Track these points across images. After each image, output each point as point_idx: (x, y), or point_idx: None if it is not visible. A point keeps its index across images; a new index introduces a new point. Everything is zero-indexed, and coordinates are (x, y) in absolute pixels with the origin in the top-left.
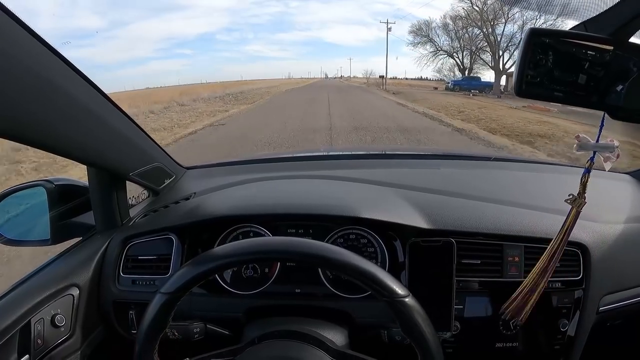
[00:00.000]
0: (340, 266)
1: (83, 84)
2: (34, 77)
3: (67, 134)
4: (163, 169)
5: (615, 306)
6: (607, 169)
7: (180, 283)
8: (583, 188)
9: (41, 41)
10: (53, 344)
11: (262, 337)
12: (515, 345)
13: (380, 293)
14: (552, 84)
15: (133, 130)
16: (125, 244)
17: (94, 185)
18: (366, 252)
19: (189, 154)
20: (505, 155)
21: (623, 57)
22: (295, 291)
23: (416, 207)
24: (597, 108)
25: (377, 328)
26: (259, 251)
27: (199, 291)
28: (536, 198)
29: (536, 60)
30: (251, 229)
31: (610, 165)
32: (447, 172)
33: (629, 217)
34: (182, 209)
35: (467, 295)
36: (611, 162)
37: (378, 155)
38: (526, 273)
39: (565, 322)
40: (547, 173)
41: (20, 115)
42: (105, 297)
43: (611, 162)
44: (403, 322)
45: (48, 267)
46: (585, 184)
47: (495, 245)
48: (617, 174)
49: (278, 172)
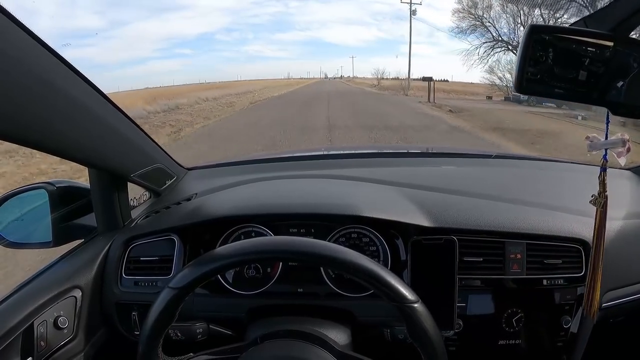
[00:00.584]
0: (350, 268)
1: (83, 86)
2: (34, 78)
3: (68, 136)
4: (164, 170)
5: (618, 302)
6: (622, 164)
7: (190, 279)
8: (603, 187)
9: (41, 43)
10: (56, 346)
11: (265, 336)
12: (518, 342)
13: (389, 297)
14: (552, 80)
15: (134, 131)
16: (127, 246)
17: (95, 187)
18: (368, 251)
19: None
20: (506, 152)
21: (623, 53)
22: (298, 290)
23: (418, 206)
24: (597, 104)
25: (379, 327)
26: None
27: (202, 291)
28: (538, 195)
29: (536, 57)
30: (253, 229)
31: (625, 160)
32: (449, 170)
33: (631, 213)
34: (184, 210)
35: (469, 293)
36: (624, 157)
37: (379, 154)
38: (528, 270)
39: (567, 318)
40: (548, 170)
41: (21, 117)
42: (107, 298)
43: (624, 156)
44: (411, 327)
45: (50, 269)
46: (604, 182)
47: (497, 242)
48: (618, 170)
49: (279, 171)
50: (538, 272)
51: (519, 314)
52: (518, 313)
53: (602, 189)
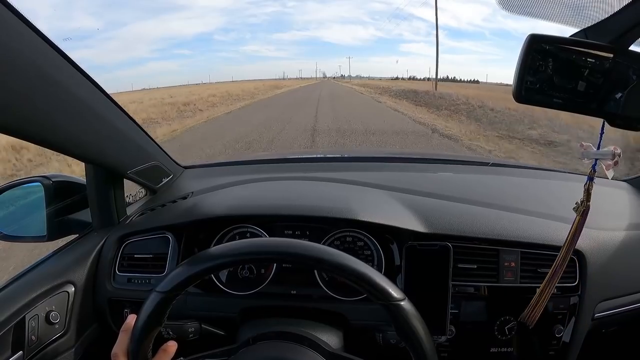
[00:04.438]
0: (336, 268)
1: (83, 81)
2: (34, 72)
3: (66, 131)
4: (161, 168)
5: (611, 313)
6: (610, 177)
7: (176, 282)
8: (586, 196)
9: (42, 37)
10: (47, 341)
11: (257, 337)
12: (510, 350)
13: (375, 296)
14: (551, 90)
15: (132, 128)
16: (122, 242)
17: (91, 183)
18: (362, 255)
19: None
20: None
21: (623, 65)
22: (291, 292)
23: (413, 211)
24: (596, 115)
25: (372, 331)
26: (255, 252)
27: (195, 291)
28: (533, 204)
29: (536, 66)
30: (248, 230)
31: (612, 172)
32: (445, 177)
33: (626, 225)
34: (179, 208)
35: (462, 300)
36: (612, 169)
37: (376, 158)
38: (522, 278)
39: (560, 328)
40: (544, 179)
41: (19, 111)
42: (100, 294)
43: (612, 169)
44: (398, 326)
45: (44, 264)
46: (588, 191)
47: (492, 250)
48: (614, 181)
49: (276, 173)
50: (532, 280)
51: (511, 322)
52: (511, 321)
53: (585, 198)
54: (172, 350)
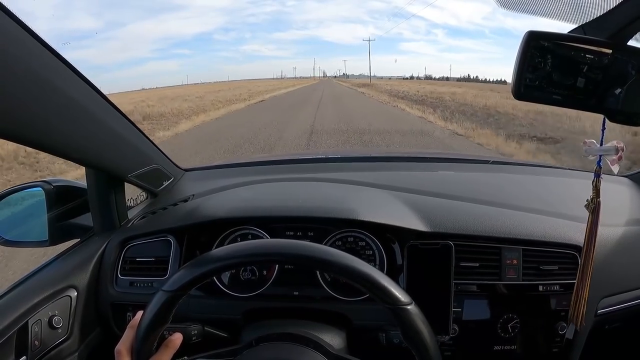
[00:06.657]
0: (343, 270)
1: (82, 85)
2: (33, 77)
3: (66, 135)
4: (161, 171)
5: (614, 309)
6: (615, 172)
7: (183, 282)
8: (596, 192)
9: (41, 42)
10: (50, 345)
11: (260, 339)
12: (513, 348)
13: (383, 299)
14: (550, 87)
15: (132, 131)
16: (123, 246)
17: (92, 187)
18: (364, 255)
19: None
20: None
21: (622, 60)
22: (293, 294)
23: (415, 210)
24: (595, 111)
25: (375, 331)
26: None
27: (197, 293)
28: (534, 201)
29: (535, 63)
30: (249, 232)
31: (617, 167)
32: (446, 175)
33: (627, 220)
34: (180, 211)
35: (465, 298)
36: (617, 164)
37: (376, 158)
38: (524, 276)
39: (563, 325)
40: (545, 176)
41: (19, 115)
42: (103, 298)
43: (617, 164)
44: (405, 330)
45: (46, 269)
46: (597, 188)
47: (494, 248)
48: (615, 177)
49: (276, 174)
50: (534, 278)
51: (514, 319)
52: (514, 319)
53: (594, 195)
54: (176, 343)
